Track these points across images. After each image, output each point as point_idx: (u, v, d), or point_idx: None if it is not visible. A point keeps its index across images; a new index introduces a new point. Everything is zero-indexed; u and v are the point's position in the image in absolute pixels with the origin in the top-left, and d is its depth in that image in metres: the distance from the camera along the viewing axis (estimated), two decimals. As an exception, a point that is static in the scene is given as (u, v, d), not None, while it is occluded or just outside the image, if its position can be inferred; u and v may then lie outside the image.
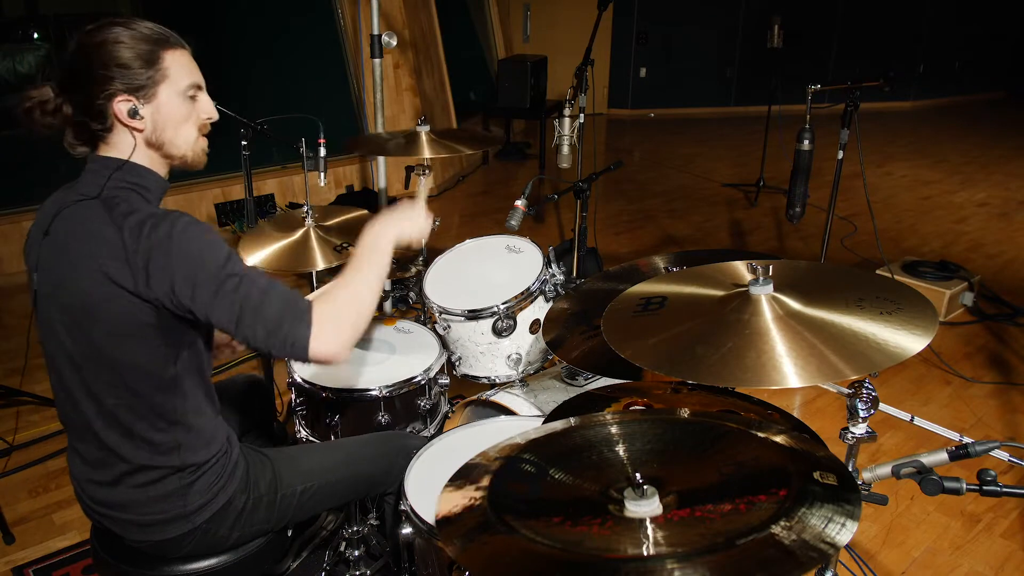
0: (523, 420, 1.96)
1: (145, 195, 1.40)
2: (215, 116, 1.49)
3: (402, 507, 1.61)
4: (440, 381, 2.17)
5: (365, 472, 1.78)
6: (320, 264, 2.24)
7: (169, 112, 1.40)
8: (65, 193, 1.43)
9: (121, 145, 1.41)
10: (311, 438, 2.12)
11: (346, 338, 1.36)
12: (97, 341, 1.35)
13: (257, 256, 2.27)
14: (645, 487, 1.10)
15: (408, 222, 1.59)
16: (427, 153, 2.52)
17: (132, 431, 1.41)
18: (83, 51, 1.35)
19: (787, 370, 1.16)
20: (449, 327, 2.17)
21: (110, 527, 1.53)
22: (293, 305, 1.32)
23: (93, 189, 1.37)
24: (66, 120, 1.37)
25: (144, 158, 1.42)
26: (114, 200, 1.35)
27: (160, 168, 1.45)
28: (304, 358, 1.32)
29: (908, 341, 1.18)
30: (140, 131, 1.40)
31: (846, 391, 1.33)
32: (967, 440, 1.57)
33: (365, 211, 2.53)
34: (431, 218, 1.64)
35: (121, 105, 1.36)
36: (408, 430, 2.11)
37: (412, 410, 2.11)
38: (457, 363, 2.25)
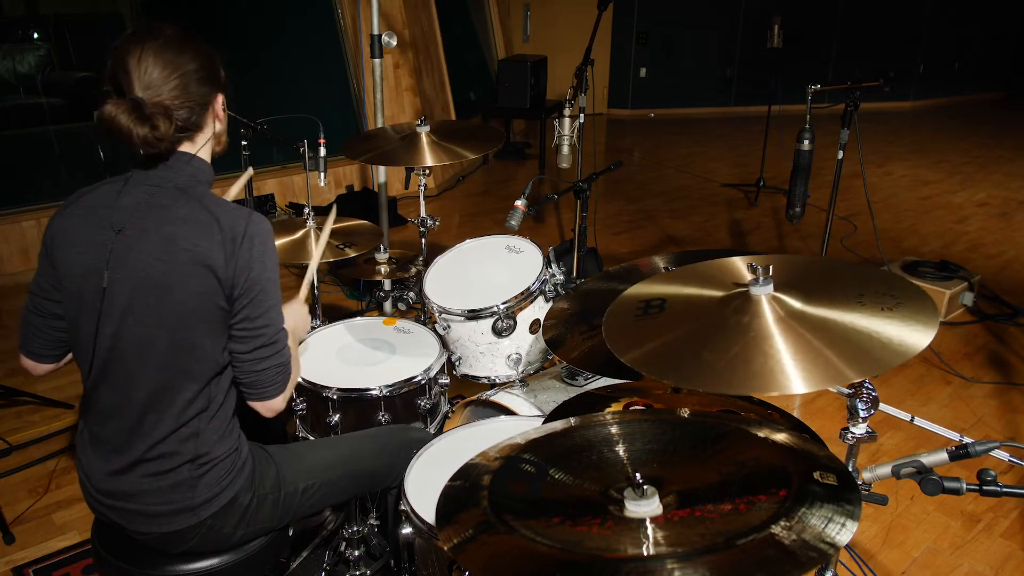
0: (523, 420, 1.96)
1: (208, 186, 1.48)
2: None
3: (402, 507, 1.61)
4: (440, 381, 2.17)
5: (368, 468, 1.79)
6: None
7: (223, 107, 1.53)
8: (121, 187, 1.44)
9: (200, 140, 1.48)
10: (311, 438, 2.12)
11: (285, 404, 1.57)
12: (169, 323, 1.40)
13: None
14: (645, 487, 1.10)
15: (302, 322, 1.74)
16: (428, 160, 2.53)
17: (168, 416, 1.44)
18: (171, 55, 1.38)
19: (794, 375, 1.15)
20: (449, 327, 2.17)
21: (115, 519, 1.53)
22: (285, 372, 1.52)
23: (164, 180, 1.43)
24: (170, 124, 1.38)
25: (207, 151, 1.51)
26: (193, 189, 1.43)
27: (210, 160, 1.53)
28: (262, 407, 1.53)
29: (911, 338, 1.17)
30: (221, 123, 1.52)
31: (846, 391, 1.33)
32: (967, 440, 1.57)
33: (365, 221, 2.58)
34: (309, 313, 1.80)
35: (220, 103, 1.49)
36: (408, 430, 2.11)
37: (412, 410, 2.11)
38: (457, 363, 2.25)
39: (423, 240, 2.84)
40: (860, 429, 1.33)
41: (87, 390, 1.51)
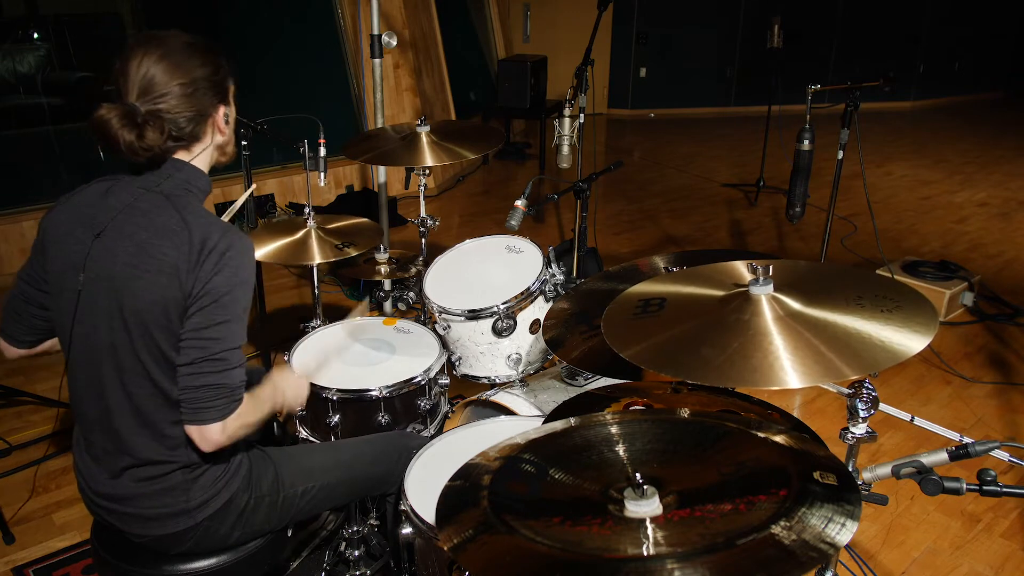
0: (523, 420, 1.96)
1: (200, 197, 1.46)
2: None
3: (402, 507, 1.61)
4: (440, 381, 2.17)
5: (366, 473, 1.79)
6: (317, 259, 2.33)
7: (233, 116, 1.53)
8: (109, 186, 1.43)
9: (196, 150, 1.47)
10: (311, 438, 2.12)
11: (226, 441, 1.42)
12: (138, 331, 1.38)
13: (261, 251, 2.32)
14: (645, 487, 1.10)
15: (291, 392, 1.65)
16: (428, 160, 2.53)
17: (148, 423, 1.44)
18: (173, 63, 1.37)
19: (793, 370, 1.16)
20: (449, 327, 2.17)
21: (113, 522, 1.53)
22: (229, 398, 1.39)
23: (152, 184, 1.42)
24: (160, 134, 1.37)
25: (203, 160, 1.49)
26: (178, 198, 1.41)
27: (207, 169, 1.51)
28: (197, 433, 1.40)
29: (909, 339, 1.18)
30: (223, 135, 1.49)
31: (846, 391, 1.33)
32: (967, 440, 1.57)
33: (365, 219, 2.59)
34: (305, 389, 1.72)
35: (221, 115, 1.47)
36: (408, 430, 2.11)
37: (412, 410, 2.11)
38: (457, 363, 2.25)
39: (423, 240, 2.84)
40: (860, 429, 1.33)
41: (72, 396, 1.51)
